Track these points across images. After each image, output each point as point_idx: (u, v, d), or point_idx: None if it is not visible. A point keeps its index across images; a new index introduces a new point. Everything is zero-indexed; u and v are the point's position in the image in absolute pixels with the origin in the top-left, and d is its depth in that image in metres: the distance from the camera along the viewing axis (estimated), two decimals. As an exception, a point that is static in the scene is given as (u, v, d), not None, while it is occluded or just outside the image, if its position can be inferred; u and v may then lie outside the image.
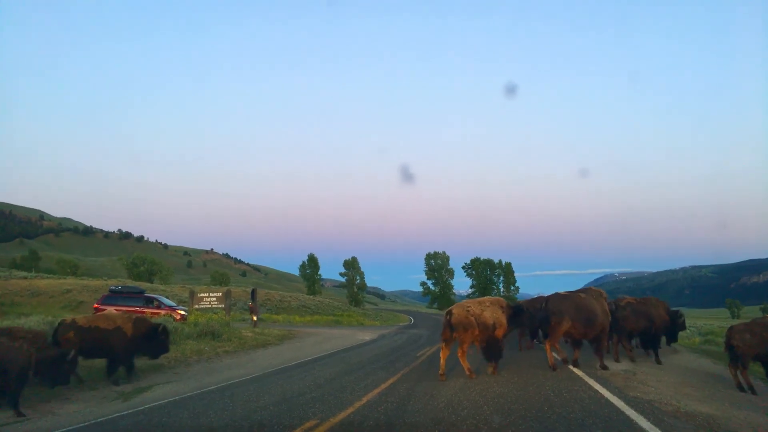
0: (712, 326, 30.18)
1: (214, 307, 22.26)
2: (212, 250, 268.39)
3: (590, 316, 9.99)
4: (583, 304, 10.09)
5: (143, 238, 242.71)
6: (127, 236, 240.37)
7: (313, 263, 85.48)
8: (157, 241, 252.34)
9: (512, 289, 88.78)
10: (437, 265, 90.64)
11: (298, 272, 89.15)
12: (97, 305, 21.65)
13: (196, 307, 21.89)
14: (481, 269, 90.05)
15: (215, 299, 22.30)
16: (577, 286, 15.63)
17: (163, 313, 21.61)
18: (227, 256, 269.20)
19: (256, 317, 24.90)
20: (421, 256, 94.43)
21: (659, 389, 8.17)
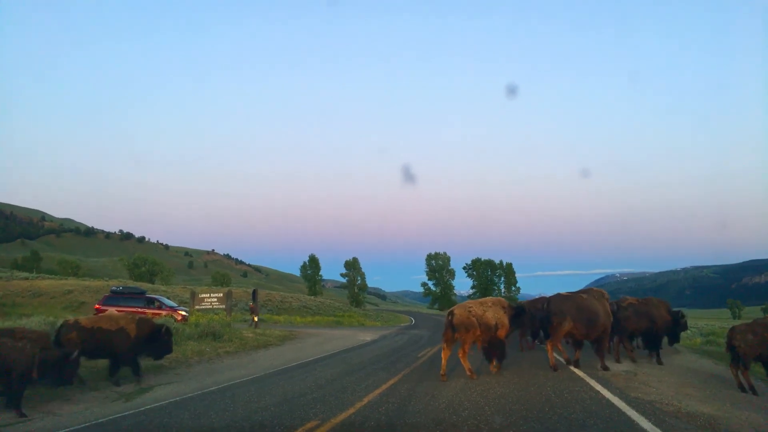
0: (713, 327, 30.16)
1: (215, 307, 22.30)
2: (213, 250, 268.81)
3: (592, 316, 9.99)
4: (584, 304, 10.09)
5: (144, 238, 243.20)
6: (128, 237, 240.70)
7: (314, 264, 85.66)
8: (158, 241, 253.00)
9: (513, 289, 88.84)
10: (438, 265, 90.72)
11: (299, 273, 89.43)
12: (98, 306, 21.64)
13: (197, 307, 21.91)
14: (482, 270, 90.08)
15: (216, 300, 22.34)
16: (578, 286, 15.65)
17: (164, 313, 21.59)
18: (228, 256, 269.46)
19: (256, 318, 24.95)
20: (422, 256, 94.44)
21: (660, 390, 8.18)
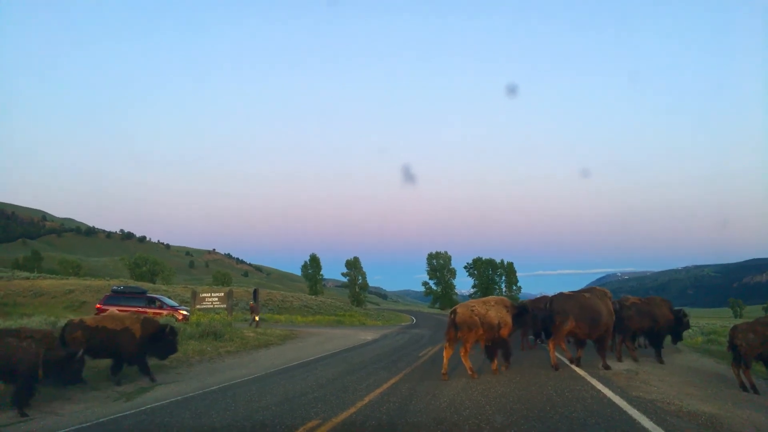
0: (714, 326, 30.09)
1: (216, 307, 22.33)
2: (214, 250, 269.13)
3: (595, 316, 9.98)
4: (587, 303, 10.08)
5: (145, 238, 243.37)
6: (129, 236, 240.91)
7: (314, 263, 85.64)
8: (159, 241, 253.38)
9: (514, 288, 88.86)
10: (439, 264, 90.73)
11: (300, 272, 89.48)
12: (99, 305, 21.63)
13: (198, 307, 21.93)
14: (483, 269, 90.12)
15: (217, 299, 22.37)
16: (579, 285, 15.66)
17: (165, 313, 21.59)
18: (229, 256, 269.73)
19: (257, 317, 24.96)
20: (422, 256, 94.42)
21: (662, 389, 8.16)
